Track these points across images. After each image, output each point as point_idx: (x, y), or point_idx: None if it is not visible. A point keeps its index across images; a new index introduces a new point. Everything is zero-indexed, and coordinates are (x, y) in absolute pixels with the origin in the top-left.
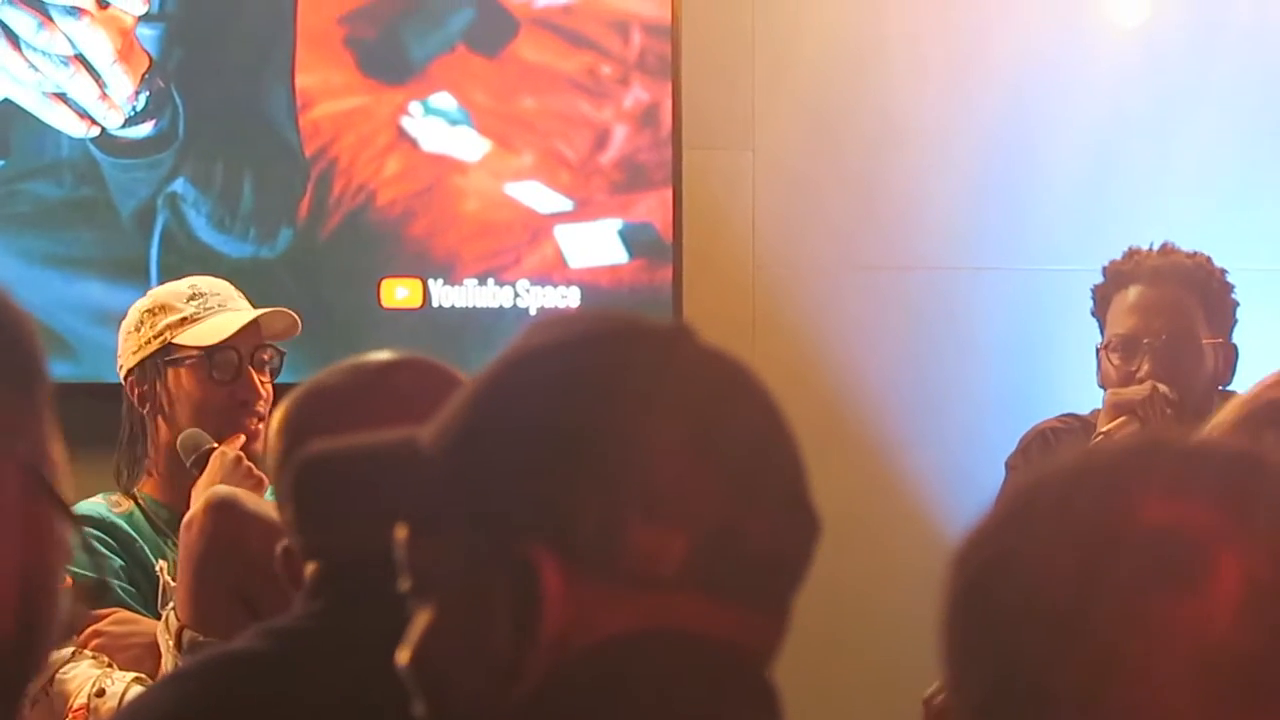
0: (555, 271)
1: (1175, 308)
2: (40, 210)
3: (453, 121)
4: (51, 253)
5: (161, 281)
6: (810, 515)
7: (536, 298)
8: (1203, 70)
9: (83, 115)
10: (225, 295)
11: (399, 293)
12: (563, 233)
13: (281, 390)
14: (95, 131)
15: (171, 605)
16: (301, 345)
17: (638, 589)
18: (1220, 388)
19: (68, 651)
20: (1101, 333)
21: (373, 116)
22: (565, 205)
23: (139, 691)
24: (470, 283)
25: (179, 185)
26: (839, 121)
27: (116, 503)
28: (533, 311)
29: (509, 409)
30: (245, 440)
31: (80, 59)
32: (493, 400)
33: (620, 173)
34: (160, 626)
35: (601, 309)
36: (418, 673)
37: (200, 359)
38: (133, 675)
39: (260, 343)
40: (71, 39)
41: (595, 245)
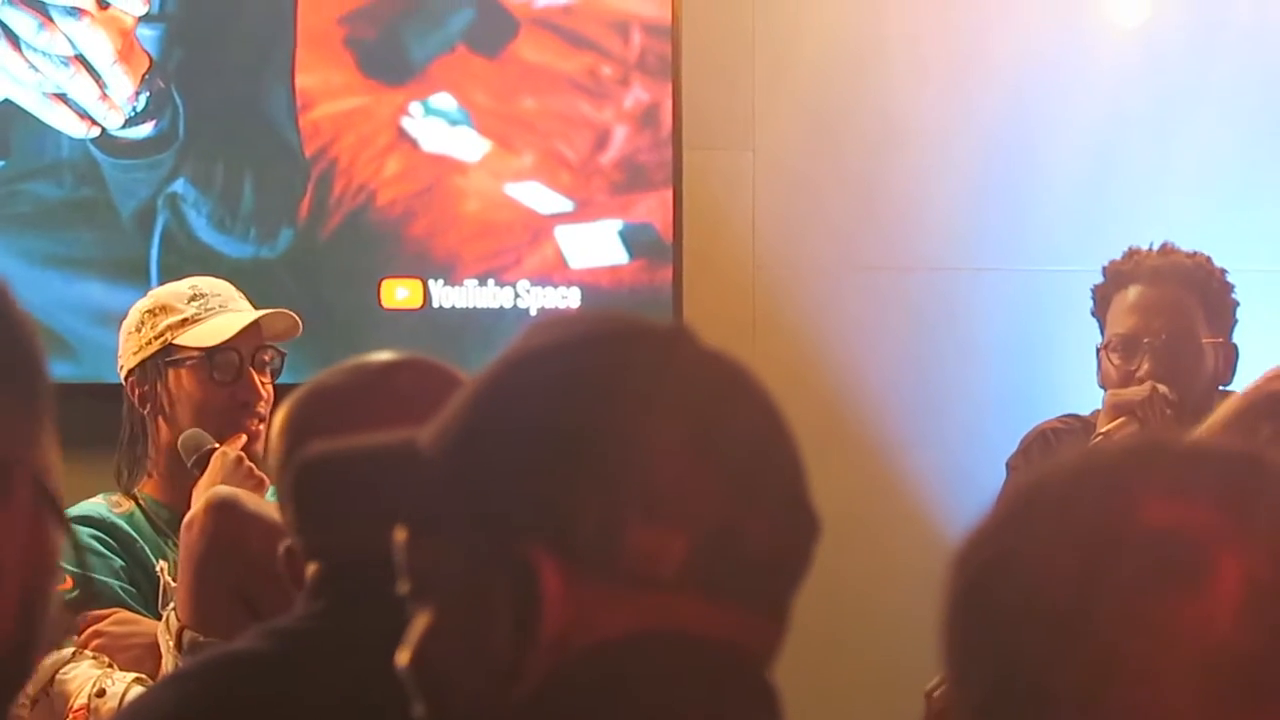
0: (556, 272)
1: (1175, 307)
2: (40, 211)
3: (453, 122)
4: (52, 253)
5: (162, 282)
6: (810, 516)
7: (537, 298)
8: (1203, 71)
9: (83, 116)
10: (226, 296)
11: (399, 293)
12: (563, 233)
13: (282, 391)
14: (95, 132)
15: (172, 605)
16: (302, 346)
17: (637, 590)
18: (1220, 387)
19: (68, 652)
20: (1102, 333)
21: (373, 117)
22: (565, 206)
23: (139, 692)
24: (470, 283)
25: (179, 185)
26: (839, 122)
27: (117, 503)
28: (533, 312)
29: (508, 410)
30: (246, 441)
31: (80, 59)
32: (492, 401)
33: (620, 173)
34: (161, 627)
35: (601, 310)
36: (417, 674)
37: (201, 360)
38: (133, 675)
39: (261, 343)
40: (72, 39)
41: (595, 246)
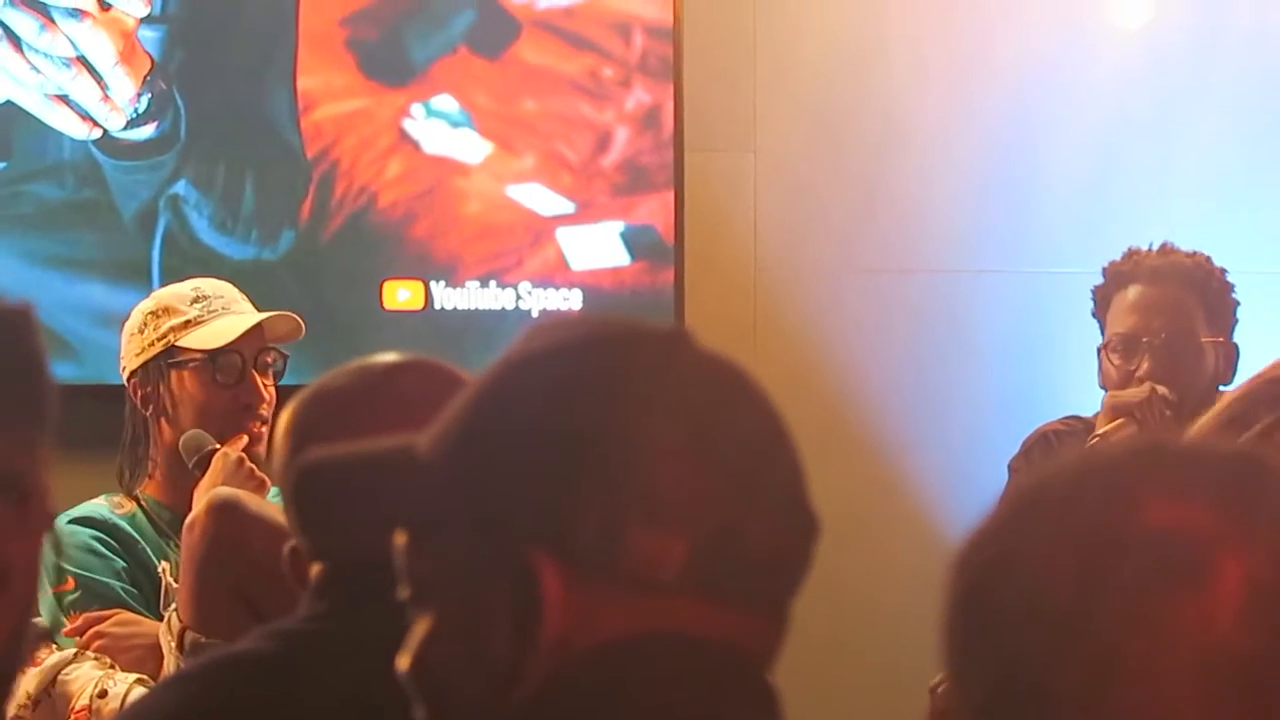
0: (557, 274)
1: (1175, 307)
2: (42, 212)
3: (454, 124)
4: (53, 254)
5: (163, 283)
6: (809, 517)
7: (538, 300)
8: (1204, 72)
9: (85, 117)
10: (229, 298)
11: (401, 295)
12: (564, 235)
13: (284, 392)
14: (97, 133)
15: (174, 606)
16: (303, 347)
17: (638, 592)
18: (1221, 387)
19: (70, 652)
20: (1102, 333)
21: (374, 118)
22: (567, 207)
23: (141, 693)
24: (472, 285)
25: (181, 187)
26: (841, 124)
27: (119, 504)
28: (535, 314)
29: (508, 413)
30: (247, 442)
31: (82, 61)
32: (492, 404)
33: (622, 175)
34: (162, 628)
35: (600, 313)
36: (417, 679)
37: (204, 362)
38: (135, 676)
39: (264, 346)
40: (73, 41)
41: (597, 247)
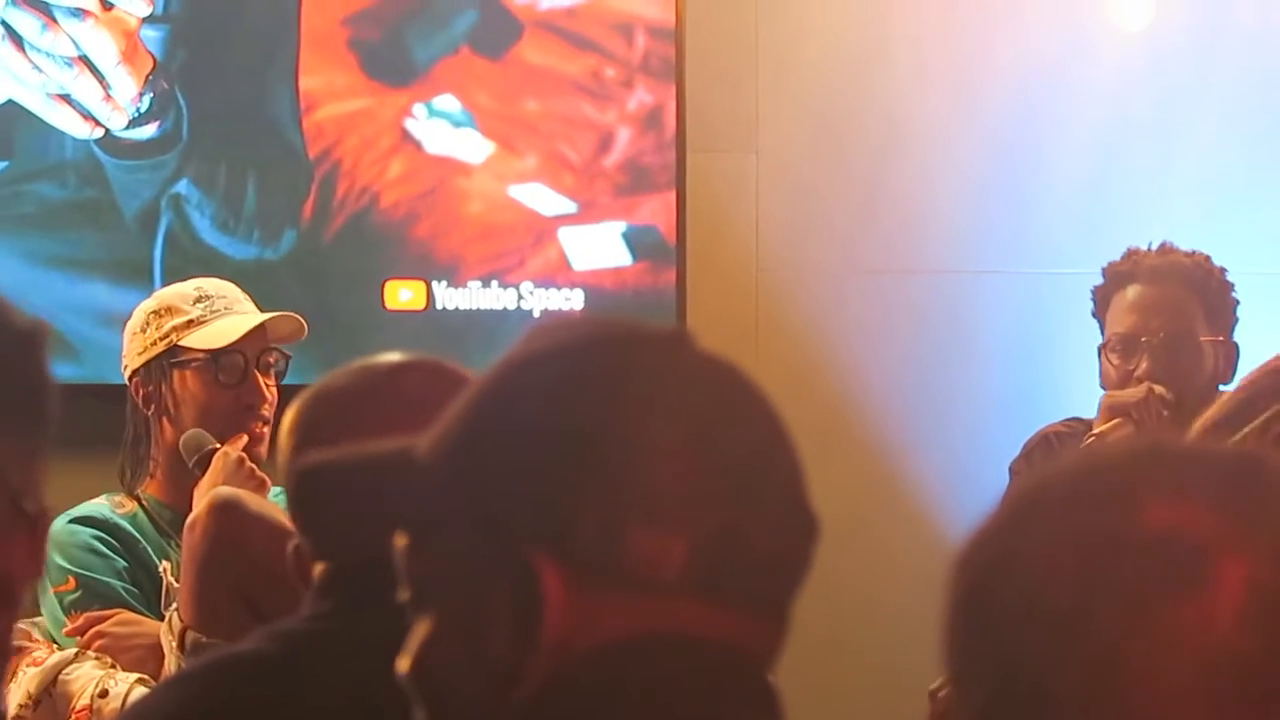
0: (559, 274)
1: (1174, 306)
2: (44, 211)
3: (456, 124)
4: (55, 254)
5: (165, 283)
6: (809, 518)
7: (540, 300)
8: (1205, 73)
9: (87, 116)
10: (232, 298)
11: (403, 295)
12: (566, 235)
13: (286, 393)
14: (99, 133)
15: (175, 606)
16: (305, 347)
17: (638, 593)
18: (1221, 386)
19: (71, 652)
20: (1102, 334)
21: (376, 118)
22: (569, 208)
23: (142, 693)
24: (474, 285)
25: (183, 187)
26: (842, 124)
27: (120, 503)
28: (537, 314)
29: (508, 414)
30: (247, 442)
31: (84, 60)
32: (492, 405)
33: (624, 175)
34: (163, 628)
35: (600, 314)
36: (418, 681)
37: (206, 362)
38: (136, 676)
39: (266, 346)
40: (75, 40)
41: (599, 248)
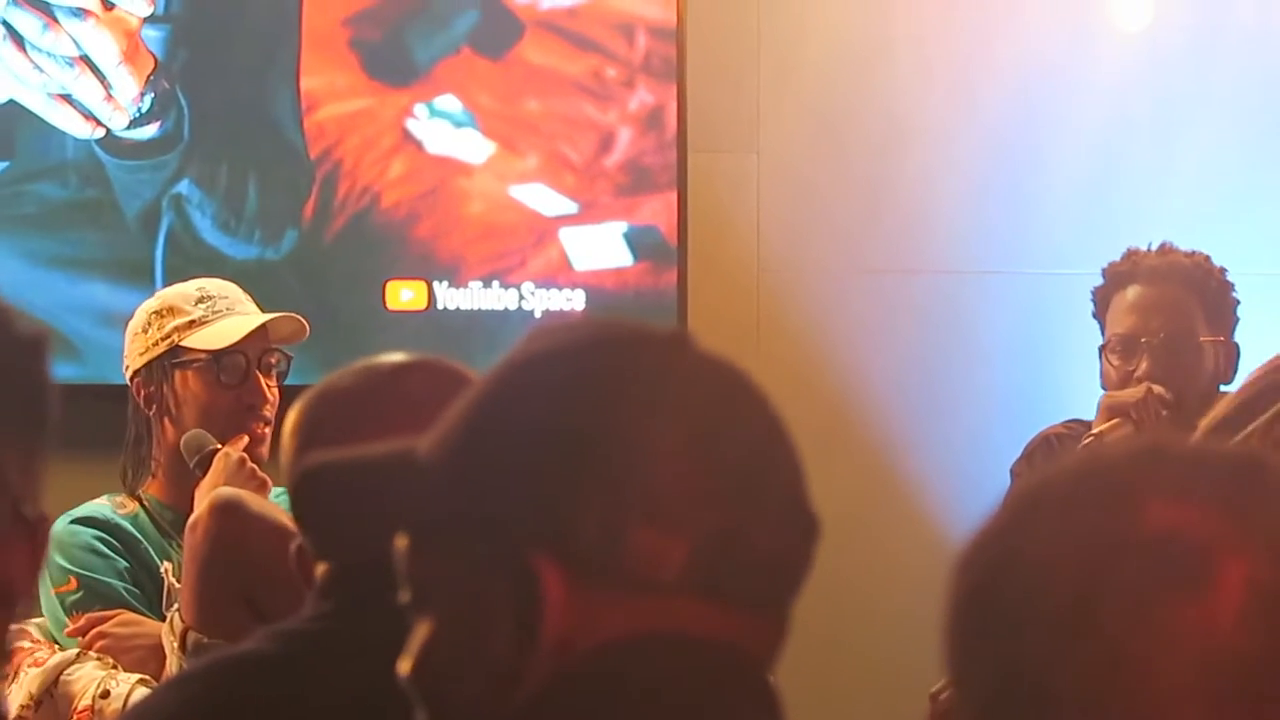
0: (560, 274)
1: (1173, 307)
2: (45, 211)
3: (458, 124)
4: (56, 254)
5: (166, 283)
6: (810, 518)
7: (541, 300)
8: (1205, 73)
9: (88, 116)
10: (234, 299)
11: (404, 295)
12: (568, 235)
13: (287, 393)
14: (100, 133)
15: (176, 607)
16: (306, 348)
17: (638, 593)
18: (1222, 386)
19: (73, 653)
20: (1103, 335)
21: (377, 118)
22: (570, 208)
23: (144, 694)
24: (475, 285)
25: (184, 187)
26: (844, 124)
27: (121, 504)
28: (538, 314)
29: (509, 415)
30: (248, 442)
31: (85, 60)
32: (492, 406)
33: (625, 175)
34: (165, 628)
35: (601, 316)
36: (419, 683)
37: (208, 362)
38: (137, 677)
39: (268, 346)
40: (77, 40)
41: (600, 248)
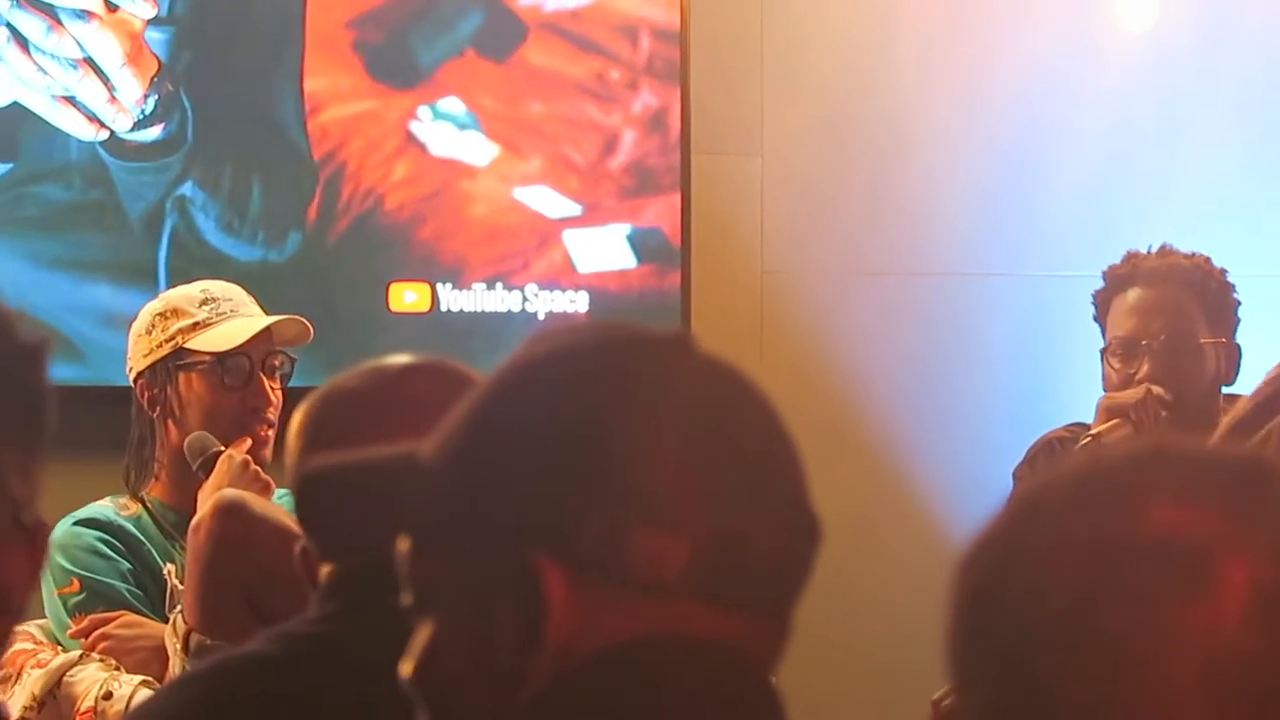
0: (564, 276)
1: (1174, 308)
2: (48, 213)
3: (461, 126)
4: (60, 256)
5: (170, 285)
6: (811, 520)
7: (545, 302)
8: (1210, 76)
9: (91, 118)
10: (237, 301)
11: (407, 297)
12: (571, 237)
13: (291, 395)
14: (104, 135)
15: (179, 608)
16: (309, 349)
17: (641, 595)
18: (1224, 388)
19: (75, 654)
20: (1104, 338)
21: (381, 121)
22: (574, 210)
23: (146, 695)
24: (479, 287)
25: (187, 189)
26: (847, 127)
27: (124, 506)
28: (541, 316)
29: (511, 417)
30: (251, 444)
31: (89, 62)
32: (494, 409)
33: (629, 178)
34: (168, 630)
35: (603, 318)
36: (421, 686)
37: (212, 364)
38: (140, 678)
39: (271, 349)
40: (80, 42)
41: (604, 250)
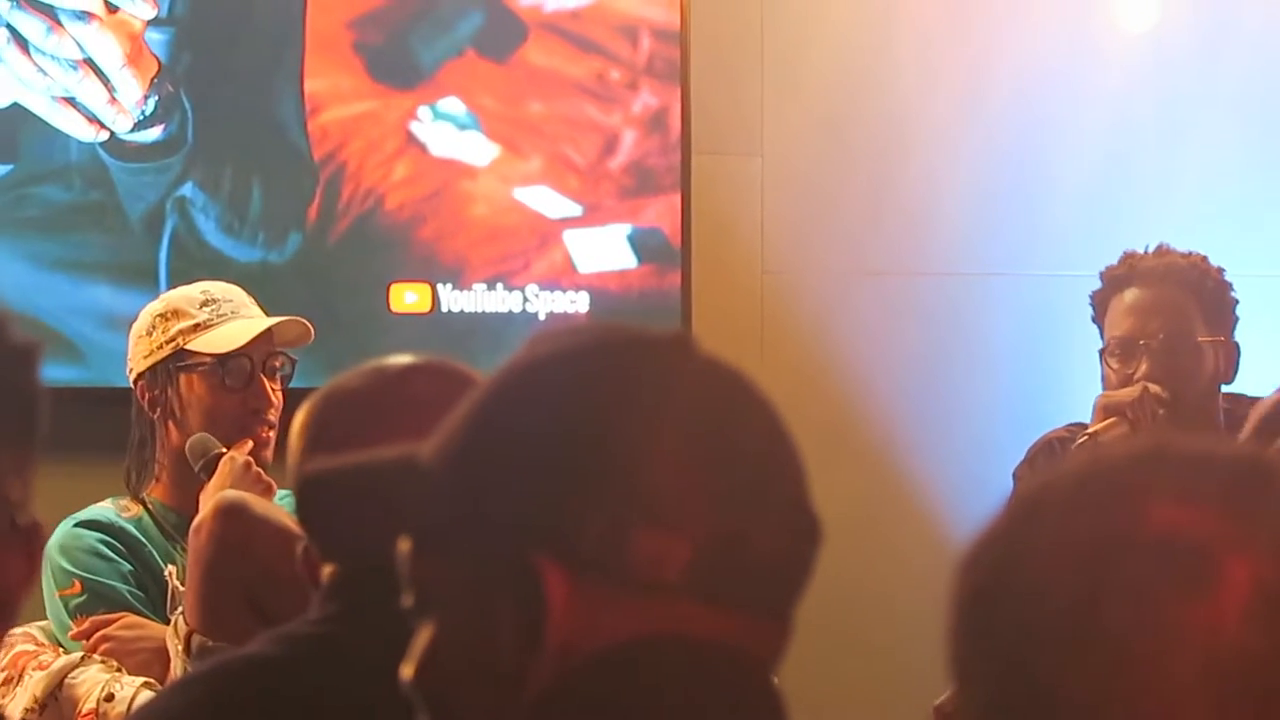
0: (564, 277)
1: (1171, 308)
2: (49, 214)
3: (461, 126)
4: (60, 257)
5: (170, 286)
6: (812, 520)
7: (545, 303)
8: (1211, 76)
9: (92, 119)
10: (238, 302)
11: (408, 297)
12: (571, 238)
13: (292, 397)
14: (104, 136)
15: (180, 610)
16: (310, 350)
17: (641, 595)
18: (1221, 387)
19: (77, 656)
20: (1102, 339)
21: (381, 121)
22: (574, 210)
23: (148, 696)
24: (479, 287)
25: (188, 189)
26: (848, 126)
27: (125, 507)
28: (542, 316)
29: (511, 418)
30: (254, 446)
31: (89, 63)
32: (495, 410)
33: (629, 178)
34: (169, 631)
35: (603, 319)
36: (422, 688)
37: (213, 366)
38: (142, 680)
39: (272, 350)
40: (80, 43)
41: (604, 250)
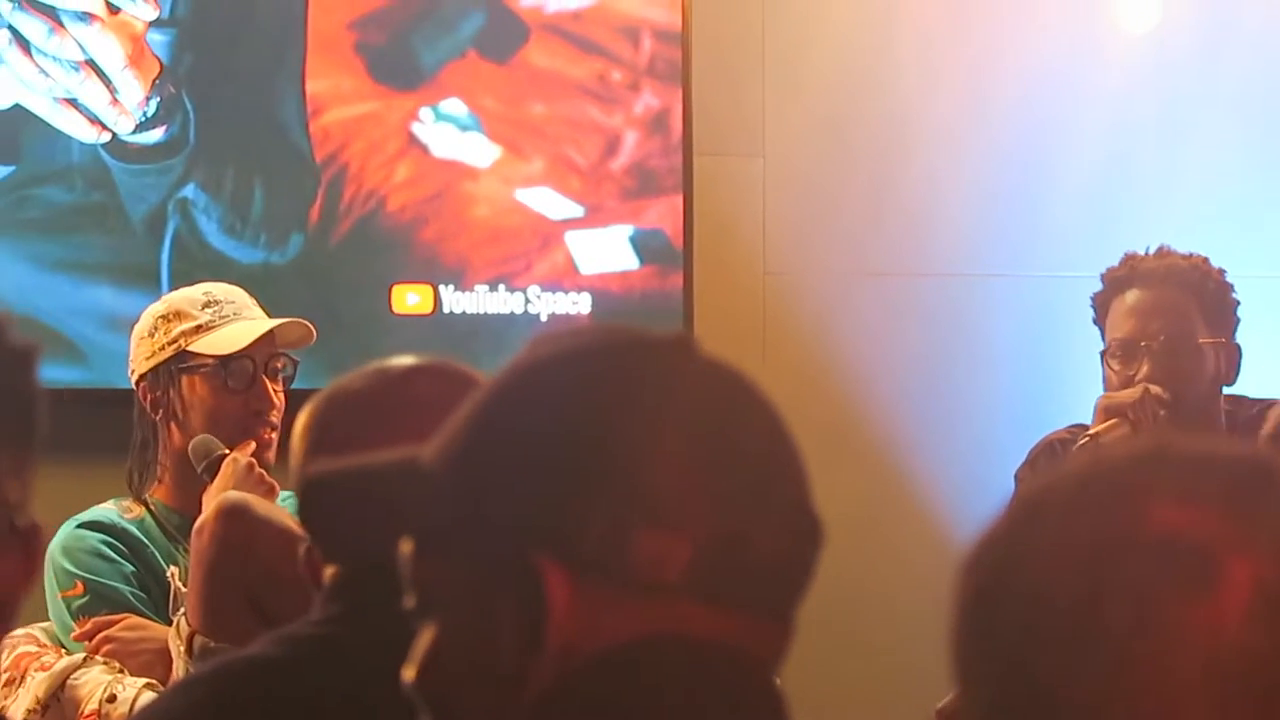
0: (566, 278)
1: (1172, 309)
2: (51, 215)
3: (463, 127)
4: (62, 258)
5: (172, 287)
6: (813, 521)
7: (547, 304)
8: (1212, 77)
9: (93, 121)
10: (240, 303)
11: (410, 299)
12: (573, 239)
13: (294, 398)
14: (106, 137)
15: (183, 611)
16: (312, 351)
17: (643, 596)
18: (1223, 388)
19: (79, 657)
20: (1103, 341)
21: (383, 122)
22: (576, 211)
23: (150, 698)
24: (481, 289)
25: (190, 191)
26: (850, 127)
27: (128, 508)
28: (544, 318)
29: (512, 420)
30: (256, 448)
31: (91, 64)
32: (497, 411)
33: (631, 179)
34: (171, 632)
35: (605, 321)
36: (423, 689)
37: (215, 367)
38: (144, 681)
39: (274, 351)
40: (82, 44)
41: (606, 251)
